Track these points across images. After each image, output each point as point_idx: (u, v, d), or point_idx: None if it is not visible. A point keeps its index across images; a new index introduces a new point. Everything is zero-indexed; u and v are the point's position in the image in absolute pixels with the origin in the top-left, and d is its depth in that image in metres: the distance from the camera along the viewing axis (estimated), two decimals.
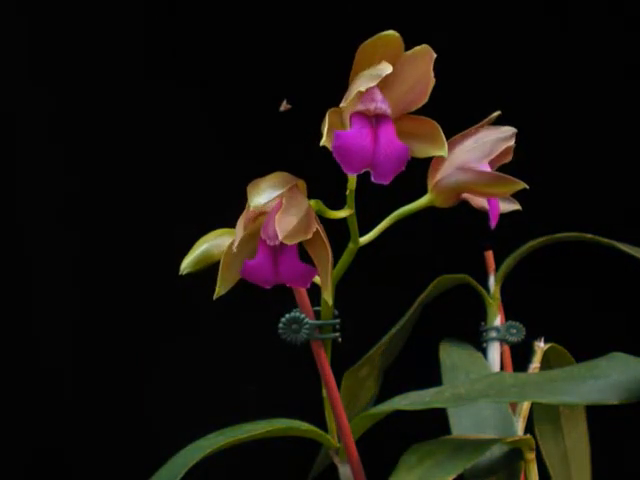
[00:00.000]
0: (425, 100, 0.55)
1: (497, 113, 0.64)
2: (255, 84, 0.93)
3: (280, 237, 0.54)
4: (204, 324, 0.96)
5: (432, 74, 0.55)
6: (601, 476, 0.80)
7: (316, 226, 0.56)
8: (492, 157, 0.63)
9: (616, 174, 0.93)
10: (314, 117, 0.55)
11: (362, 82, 0.53)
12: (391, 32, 0.54)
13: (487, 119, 0.64)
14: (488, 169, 0.64)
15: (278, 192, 0.55)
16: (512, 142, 0.63)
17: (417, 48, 0.55)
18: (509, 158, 0.67)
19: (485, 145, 0.63)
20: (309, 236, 0.56)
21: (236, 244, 0.55)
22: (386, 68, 0.53)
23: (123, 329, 0.95)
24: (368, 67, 0.55)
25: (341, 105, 0.54)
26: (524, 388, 0.59)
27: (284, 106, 0.63)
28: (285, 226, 0.55)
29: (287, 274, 0.56)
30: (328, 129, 0.54)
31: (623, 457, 0.93)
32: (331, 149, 0.53)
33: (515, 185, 0.60)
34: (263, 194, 0.54)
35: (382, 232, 0.62)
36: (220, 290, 0.59)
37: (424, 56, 0.54)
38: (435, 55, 0.54)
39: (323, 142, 0.53)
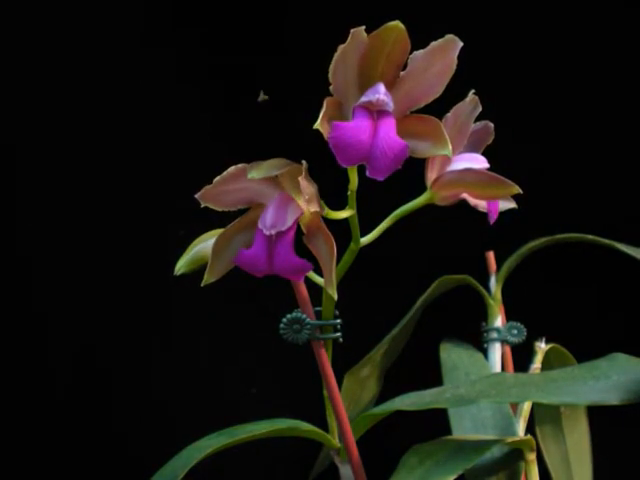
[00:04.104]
0: (439, 93, 0.55)
1: (472, 92, 0.63)
2: (257, 84, 0.93)
3: (305, 198, 0.55)
4: (205, 324, 0.96)
5: (454, 64, 0.54)
6: (602, 476, 0.80)
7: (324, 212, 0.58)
8: (469, 132, 0.63)
9: (616, 175, 0.93)
10: (315, 117, 0.55)
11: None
12: (396, 23, 0.54)
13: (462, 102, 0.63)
14: (486, 164, 0.64)
15: (276, 172, 0.55)
16: (479, 109, 0.62)
17: (442, 40, 0.54)
18: (491, 139, 0.66)
19: (462, 126, 0.63)
20: (324, 212, 0.57)
21: (215, 184, 0.56)
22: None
23: (123, 330, 0.95)
24: (377, 59, 0.55)
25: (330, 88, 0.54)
26: (525, 388, 0.59)
27: (261, 97, 0.64)
28: (308, 190, 0.55)
29: (281, 265, 0.56)
30: (327, 119, 0.54)
31: (623, 457, 0.93)
32: (326, 137, 0.53)
33: (510, 188, 0.60)
34: (262, 170, 0.55)
35: (383, 232, 0.62)
36: (209, 278, 0.59)
37: (449, 47, 0.54)
38: (462, 44, 0.54)
39: (316, 125, 0.53)
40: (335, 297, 0.58)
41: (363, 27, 0.53)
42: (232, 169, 0.57)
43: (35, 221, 0.94)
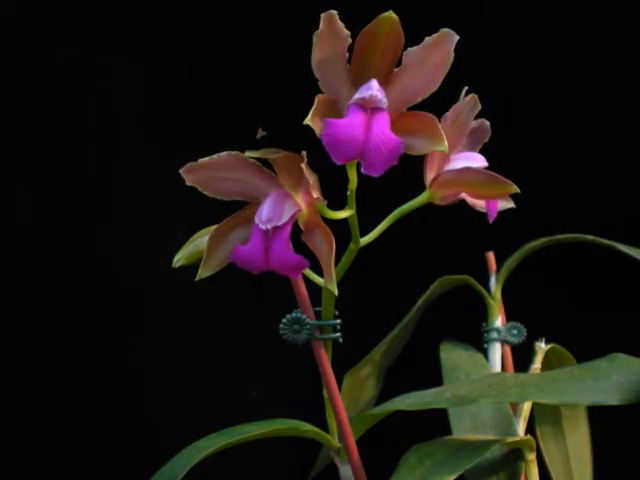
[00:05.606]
0: (434, 89, 0.55)
1: (465, 89, 0.63)
2: (257, 86, 0.93)
3: (311, 182, 0.55)
4: (205, 324, 0.96)
5: (451, 58, 0.54)
6: (602, 476, 0.80)
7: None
8: (468, 131, 0.63)
9: (616, 175, 0.93)
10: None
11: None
12: (389, 14, 0.54)
13: (460, 101, 0.63)
14: (484, 163, 0.64)
15: (273, 155, 0.56)
16: (478, 108, 0.63)
17: (437, 34, 0.54)
18: (487, 137, 0.67)
19: (461, 125, 0.63)
20: (326, 202, 0.57)
21: (202, 165, 0.57)
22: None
23: (123, 330, 0.95)
24: (371, 54, 0.55)
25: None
26: (525, 388, 0.59)
27: (260, 133, 0.65)
28: (312, 176, 0.56)
29: (277, 261, 0.56)
30: (321, 117, 0.54)
31: (623, 457, 0.93)
32: (318, 134, 0.53)
33: (509, 188, 0.60)
34: (259, 152, 0.56)
35: (383, 232, 0.62)
36: (203, 272, 0.59)
37: (445, 41, 0.54)
38: (457, 37, 0.54)
39: (307, 121, 0.54)
40: (335, 292, 0.58)
41: (334, 12, 0.53)
42: (224, 155, 0.57)
43: (35, 224, 0.94)
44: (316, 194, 0.56)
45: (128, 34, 0.94)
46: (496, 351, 0.79)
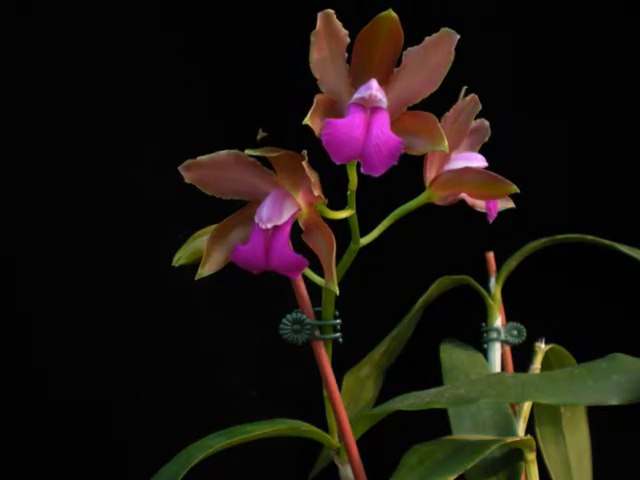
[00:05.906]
0: (435, 88, 0.55)
1: (465, 88, 0.63)
2: (256, 86, 0.93)
3: (312, 181, 0.55)
4: (205, 324, 0.96)
5: (451, 58, 0.54)
6: (602, 477, 0.80)
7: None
8: (468, 131, 0.63)
9: (617, 175, 0.93)
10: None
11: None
12: (389, 13, 0.54)
13: (460, 100, 0.63)
14: (484, 163, 0.64)
15: (273, 154, 0.56)
16: (478, 108, 0.63)
17: (437, 34, 0.54)
18: (487, 137, 0.67)
19: (462, 125, 0.63)
20: (327, 202, 0.57)
21: (200, 163, 0.57)
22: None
23: (123, 329, 0.95)
24: (371, 53, 0.55)
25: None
26: (524, 389, 0.59)
27: (260, 134, 0.65)
28: (314, 175, 0.56)
29: (277, 261, 0.56)
30: (321, 117, 0.54)
31: (623, 458, 0.93)
32: (317, 134, 0.53)
33: (508, 187, 0.60)
34: (259, 150, 0.56)
35: (383, 232, 0.62)
36: (203, 272, 0.59)
37: (445, 40, 0.54)
38: (458, 36, 0.54)
39: (306, 121, 0.54)
40: (337, 292, 0.58)
41: (331, 10, 0.53)
42: (224, 153, 0.57)
43: (33, 222, 0.94)
44: (317, 192, 0.56)
45: (130, 34, 0.94)
46: (496, 351, 0.79)
